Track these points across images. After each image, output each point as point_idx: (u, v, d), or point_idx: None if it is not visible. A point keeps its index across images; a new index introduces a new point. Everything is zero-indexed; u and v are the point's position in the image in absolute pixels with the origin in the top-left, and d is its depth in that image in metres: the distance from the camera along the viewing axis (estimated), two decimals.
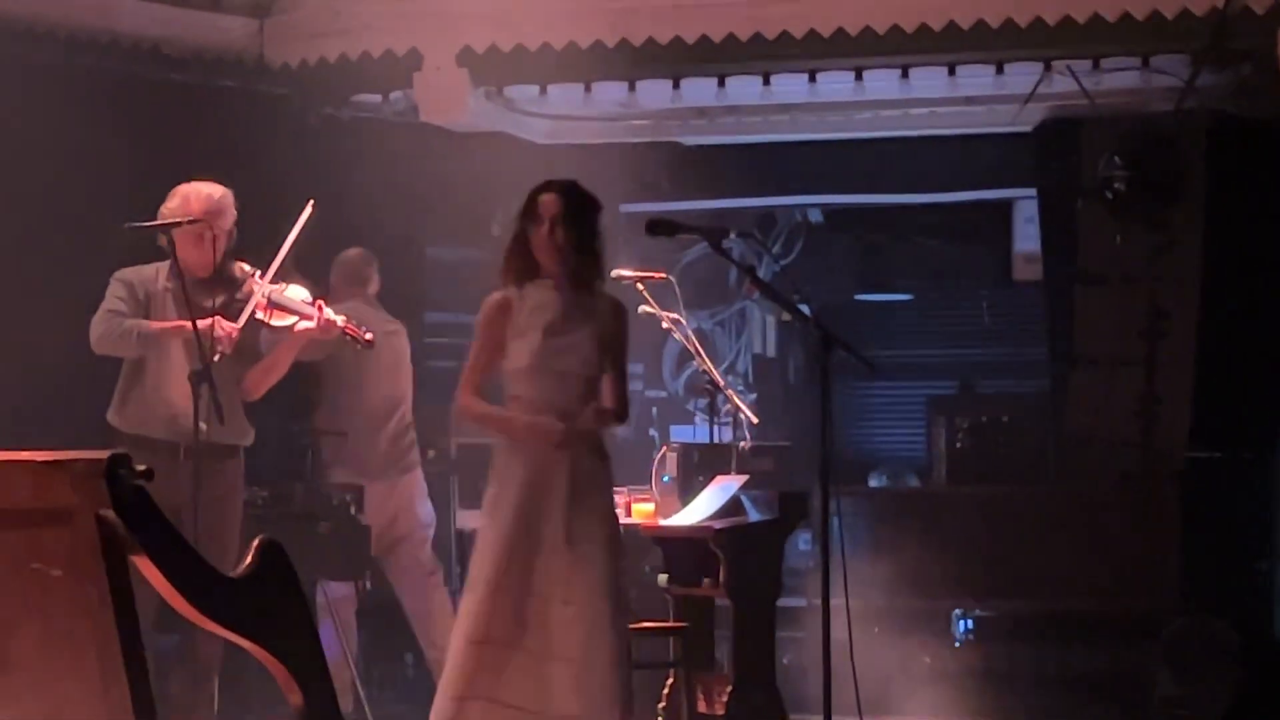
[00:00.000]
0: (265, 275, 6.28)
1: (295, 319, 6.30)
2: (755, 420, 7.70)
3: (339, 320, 6.36)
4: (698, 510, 6.78)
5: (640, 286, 7.05)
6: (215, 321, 6.12)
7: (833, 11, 8.05)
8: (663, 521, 7.05)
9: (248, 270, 6.34)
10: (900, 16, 7.99)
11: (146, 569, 3.21)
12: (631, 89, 8.85)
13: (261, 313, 6.25)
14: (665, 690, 6.58)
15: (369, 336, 6.54)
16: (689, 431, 10.22)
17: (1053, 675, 7.88)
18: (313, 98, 8.80)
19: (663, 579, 6.74)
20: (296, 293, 6.36)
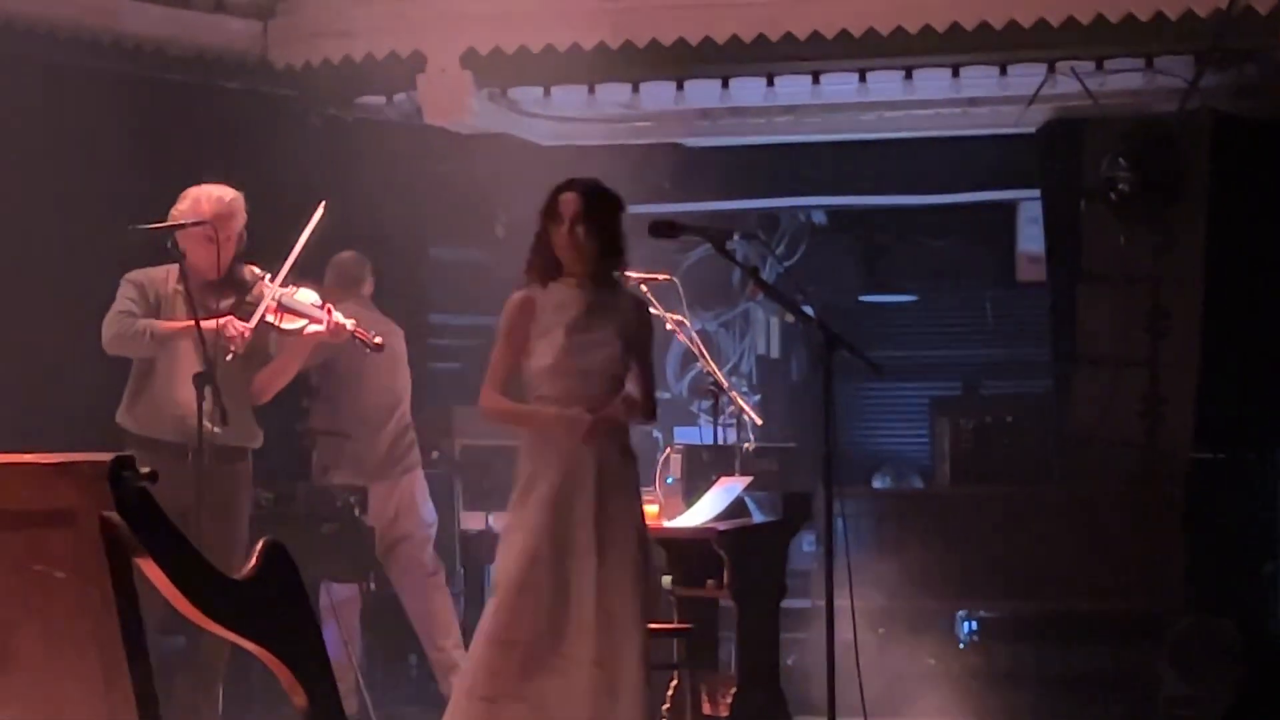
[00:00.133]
0: (276, 278, 6.28)
1: (305, 322, 6.30)
2: (759, 421, 7.71)
3: (348, 324, 6.36)
4: (702, 512, 6.78)
5: (644, 288, 7.04)
6: (228, 321, 6.11)
7: (836, 13, 8.06)
8: (667, 523, 7.06)
9: (258, 273, 6.34)
10: (904, 18, 7.99)
11: (150, 571, 3.21)
12: (635, 90, 8.85)
13: (272, 316, 6.24)
14: (669, 691, 6.57)
15: (378, 340, 6.53)
16: (693, 433, 10.20)
17: (1057, 676, 7.87)
18: (316, 99, 8.81)
19: (667, 580, 6.74)
20: (306, 296, 6.36)
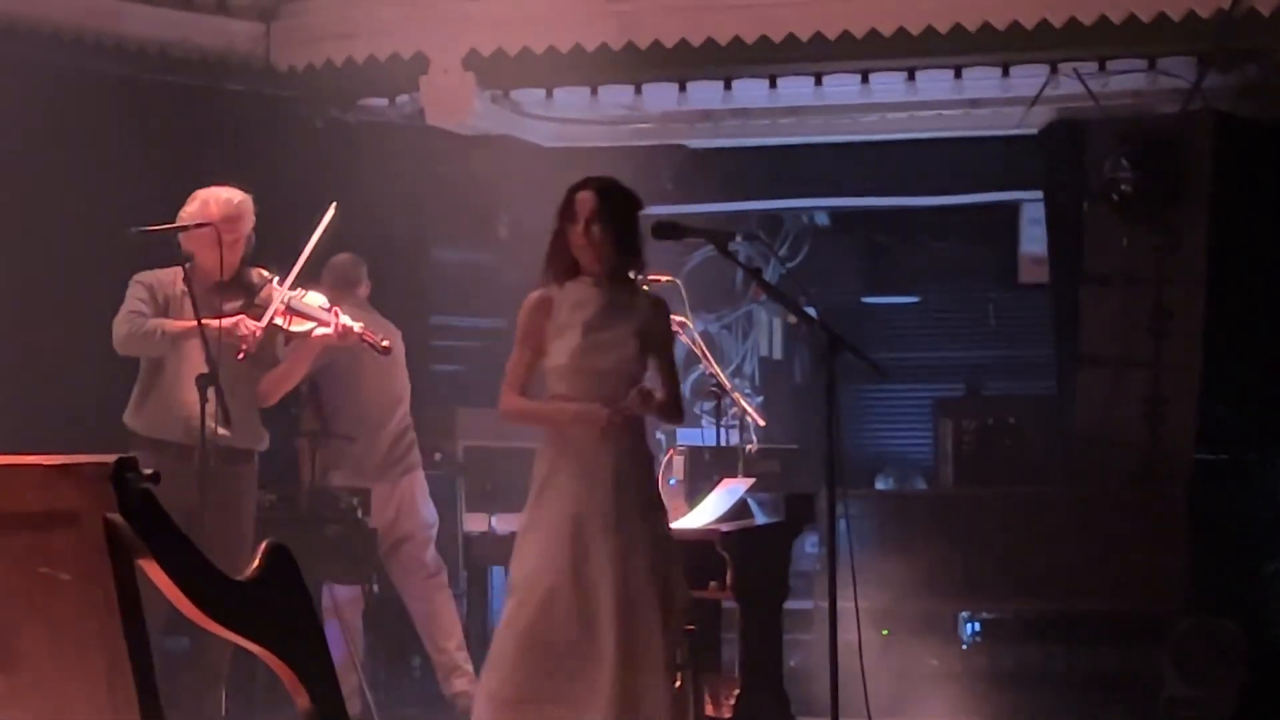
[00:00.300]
0: (285, 281, 6.28)
1: (313, 325, 6.30)
2: (762, 423, 7.71)
3: (356, 327, 6.36)
4: (705, 513, 6.78)
5: (646, 289, 7.04)
6: (241, 320, 6.11)
7: (839, 14, 8.06)
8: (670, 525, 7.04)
9: (266, 276, 6.34)
10: (906, 19, 7.99)
11: (153, 572, 3.21)
12: (638, 92, 8.87)
13: (280, 318, 6.24)
14: None
15: (386, 343, 6.54)
16: (696, 434, 10.20)
17: (1060, 676, 7.87)
18: (319, 101, 8.82)
19: None
20: (315, 299, 6.37)
